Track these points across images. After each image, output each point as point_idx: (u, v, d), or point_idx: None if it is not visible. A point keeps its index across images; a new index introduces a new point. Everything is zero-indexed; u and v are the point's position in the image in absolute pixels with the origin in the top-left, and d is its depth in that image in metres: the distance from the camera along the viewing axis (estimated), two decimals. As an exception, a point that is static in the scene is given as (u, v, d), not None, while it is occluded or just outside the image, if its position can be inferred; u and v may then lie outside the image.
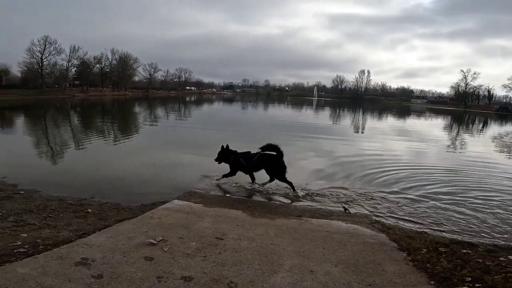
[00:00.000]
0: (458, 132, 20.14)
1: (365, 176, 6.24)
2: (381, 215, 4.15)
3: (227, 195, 4.58)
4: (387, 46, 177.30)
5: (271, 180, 5.09)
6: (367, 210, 4.27)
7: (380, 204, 4.61)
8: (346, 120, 24.52)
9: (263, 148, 5.00)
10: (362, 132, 16.37)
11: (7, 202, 3.70)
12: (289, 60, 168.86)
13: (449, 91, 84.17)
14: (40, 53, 49.12)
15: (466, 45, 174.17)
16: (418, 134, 15.87)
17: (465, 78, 74.71)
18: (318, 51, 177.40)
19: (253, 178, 5.19)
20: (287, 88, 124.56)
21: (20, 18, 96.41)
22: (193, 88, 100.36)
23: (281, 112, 29.94)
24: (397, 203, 4.66)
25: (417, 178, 6.20)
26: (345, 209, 4.23)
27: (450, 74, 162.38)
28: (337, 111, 37.35)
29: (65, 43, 61.35)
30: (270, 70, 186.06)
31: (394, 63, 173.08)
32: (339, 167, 6.99)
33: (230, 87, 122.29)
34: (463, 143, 14.08)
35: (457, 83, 77.67)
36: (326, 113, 32.07)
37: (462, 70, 79.60)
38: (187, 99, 59.07)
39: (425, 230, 3.68)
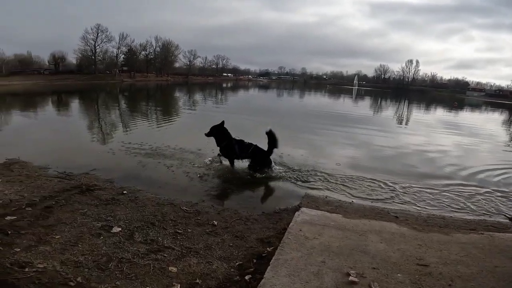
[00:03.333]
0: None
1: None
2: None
3: (353, 200, 4.38)
4: (439, 36, 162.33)
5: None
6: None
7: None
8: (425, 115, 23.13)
9: (269, 134, 5.18)
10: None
11: (117, 209, 3.36)
12: (326, 48, 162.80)
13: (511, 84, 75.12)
14: (93, 40, 53.75)
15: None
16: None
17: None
18: (358, 40, 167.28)
19: (222, 160, 5.52)
20: (324, 76, 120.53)
21: (73, 8, 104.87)
22: (229, 74, 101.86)
23: (323, 101, 29.03)
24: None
25: None
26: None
27: (511, 67, 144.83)
28: (390, 102, 34.48)
29: (114, 31, 65.82)
30: (306, 58, 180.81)
31: (446, 54, 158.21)
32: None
33: (266, 74, 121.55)
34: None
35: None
36: (386, 105, 28.24)
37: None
38: (224, 85, 60.17)
39: None
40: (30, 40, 76.43)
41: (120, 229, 2.88)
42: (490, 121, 22.60)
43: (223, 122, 5.43)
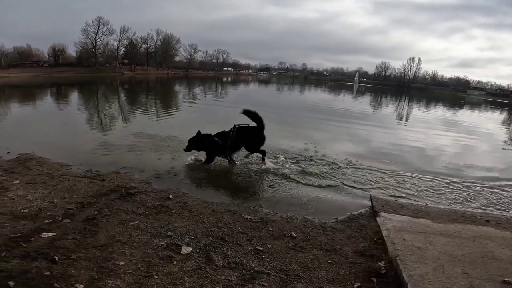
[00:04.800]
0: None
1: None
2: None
3: (427, 203, 3.85)
4: (441, 35, 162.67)
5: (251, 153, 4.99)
6: None
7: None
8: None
9: (245, 111, 4.78)
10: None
11: (172, 219, 2.81)
12: (327, 45, 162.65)
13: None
14: (94, 33, 52.96)
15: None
16: None
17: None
18: (359, 37, 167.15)
19: (232, 161, 4.96)
20: (325, 73, 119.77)
21: (74, 1, 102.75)
22: (230, 69, 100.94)
23: (328, 98, 28.34)
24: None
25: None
26: None
27: None
28: (391, 100, 33.88)
29: (115, 24, 64.80)
30: (307, 53, 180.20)
31: (447, 52, 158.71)
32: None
33: (266, 69, 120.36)
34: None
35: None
36: (386, 102, 27.47)
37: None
38: (224, 79, 59.47)
39: None
40: (30, 33, 75.43)
41: (190, 248, 2.34)
42: None
43: (199, 132, 4.90)
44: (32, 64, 44.95)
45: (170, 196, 3.38)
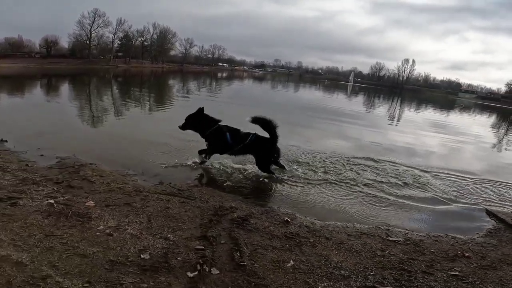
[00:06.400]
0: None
1: None
2: None
3: None
4: (436, 36, 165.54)
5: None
6: None
7: None
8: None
9: (255, 119, 4.11)
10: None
11: (322, 252, 2.44)
12: (323, 44, 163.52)
13: (504, 87, 77.23)
14: (89, 25, 51.48)
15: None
16: None
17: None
18: (355, 36, 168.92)
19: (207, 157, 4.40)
20: (320, 71, 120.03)
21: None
22: (225, 64, 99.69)
23: (325, 98, 28.00)
24: None
25: None
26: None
27: (503, 70, 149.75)
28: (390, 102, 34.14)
29: (111, 16, 62.90)
30: (303, 51, 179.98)
31: (440, 54, 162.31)
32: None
33: (261, 66, 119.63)
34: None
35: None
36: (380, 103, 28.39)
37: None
38: (219, 75, 58.68)
39: None
40: (21, 25, 72.17)
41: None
42: None
43: (202, 109, 4.25)
44: (23, 55, 43.00)
45: (287, 219, 2.89)
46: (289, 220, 2.90)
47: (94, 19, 51.43)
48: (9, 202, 2.54)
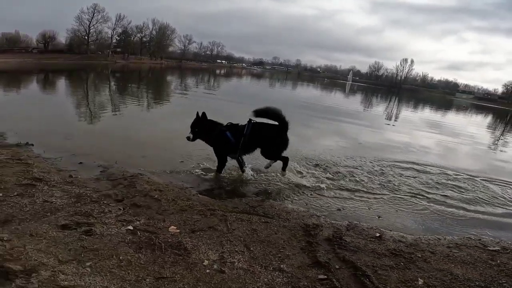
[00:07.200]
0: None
1: None
2: None
3: None
4: (434, 37, 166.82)
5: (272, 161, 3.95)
6: None
7: None
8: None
9: (257, 113, 3.74)
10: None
11: (445, 268, 2.38)
12: (321, 42, 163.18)
13: (501, 88, 78.02)
14: (88, 20, 50.56)
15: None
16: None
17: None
18: (354, 36, 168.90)
19: (242, 163, 3.97)
20: (318, 69, 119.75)
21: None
22: (223, 61, 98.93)
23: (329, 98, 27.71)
24: None
25: None
26: None
27: (501, 71, 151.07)
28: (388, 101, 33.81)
29: (110, 12, 61.90)
30: (301, 49, 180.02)
31: (438, 54, 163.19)
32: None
33: (260, 63, 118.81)
34: None
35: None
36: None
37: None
38: (217, 71, 58.21)
39: None
40: (19, 20, 70.49)
41: None
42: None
43: (203, 114, 3.79)
44: (20, 50, 41.93)
45: (379, 235, 2.75)
46: (379, 235, 2.76)
47: (93, 14, 50.56)
48: (82, 231, 2.09)
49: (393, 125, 12.31)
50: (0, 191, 2.62)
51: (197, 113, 3.83)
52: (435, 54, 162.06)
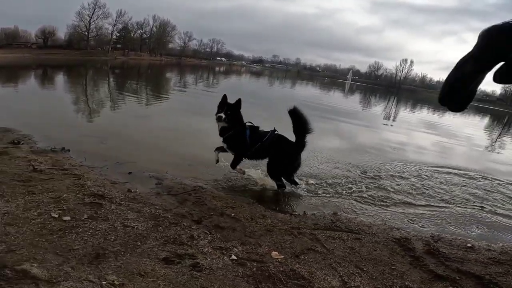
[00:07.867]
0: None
1: None
2: None
3: None
4: (434, 37, 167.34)
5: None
6: None
7: None
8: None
9: (292, 113, 3.44)
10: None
11: None
12: (321, 41, 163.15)
13: (499, 90, 78.62)
14: (89, 16, 50.41)
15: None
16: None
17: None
18: (354, 35, 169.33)
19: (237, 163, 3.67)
20: (318, 68, 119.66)
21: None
22: (223, 59, 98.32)
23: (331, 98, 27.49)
24: None
25: None
26: None
27: None
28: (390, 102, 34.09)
29: (111, 8, 61.17)
30: (301, 48, 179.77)
31: (437, 55, 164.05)
32: None
33: (259, 61, 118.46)
34: None
35: (510, 82, 71.43)
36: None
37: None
38: (217, 69, 57.82)
39: None
40: (18, 15, 69.53)
41: None
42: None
43: (239, 100, 3.49)
44: (19, 45, 41.25)
45: (470, 245, 2.69)
46: (473, 245, 2.72)
47: (94, 10, 50.42)
48: (188, 265, 1.80)
49: (391, 125, 12.15)
50: (66, 214, 2.31)
51: (225, 95, 3.51)
52: (434, 55, 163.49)
